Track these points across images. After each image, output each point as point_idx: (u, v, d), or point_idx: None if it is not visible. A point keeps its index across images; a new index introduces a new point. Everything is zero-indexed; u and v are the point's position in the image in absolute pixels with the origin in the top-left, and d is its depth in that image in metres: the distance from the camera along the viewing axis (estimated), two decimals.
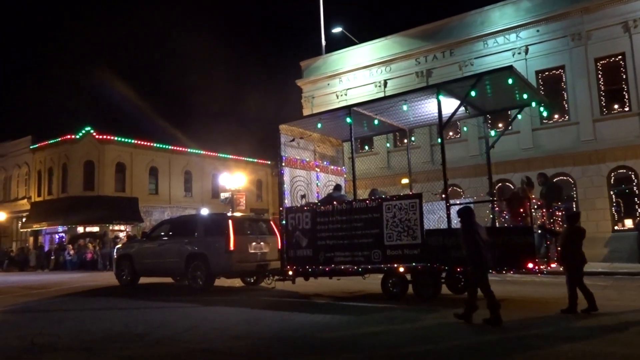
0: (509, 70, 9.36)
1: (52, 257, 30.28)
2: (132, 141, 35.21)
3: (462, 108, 10.30)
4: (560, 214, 9.80)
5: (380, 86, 25.50)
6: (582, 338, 6.06)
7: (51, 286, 15.26)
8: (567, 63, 20.78)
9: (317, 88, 28.25)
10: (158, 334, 6.72)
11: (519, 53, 21.72)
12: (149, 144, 36.07)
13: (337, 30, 28.23)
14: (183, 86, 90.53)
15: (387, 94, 19.29)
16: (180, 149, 37.81)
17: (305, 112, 26.81)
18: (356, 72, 26.62)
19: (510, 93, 10.36)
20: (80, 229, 32.52)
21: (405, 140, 21.95)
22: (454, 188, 22.71)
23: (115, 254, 15.54)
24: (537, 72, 21.45)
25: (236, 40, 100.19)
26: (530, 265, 8.04)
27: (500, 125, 18.25)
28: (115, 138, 34.51)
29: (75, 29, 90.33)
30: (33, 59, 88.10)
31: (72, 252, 27.69)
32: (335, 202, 10.44)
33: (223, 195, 28.50)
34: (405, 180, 23.45)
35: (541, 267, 8.28)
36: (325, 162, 12.99)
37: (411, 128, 12.74)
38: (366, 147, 26.11)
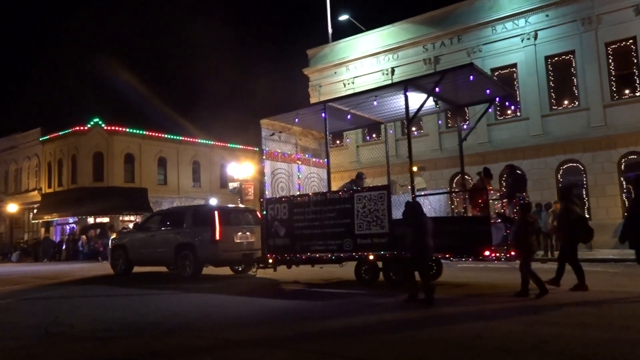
0: (470, 67, 9.75)
1: (63, 248, 30.63)
2: (141, 132, 35.36)
3: (433, 102, 10.66)
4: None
5: (387, 74, 25.35)
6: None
7: (63, 276, 15.53)
8: (577, 48, 20.52)
9: (324, 76, 28.14)
10: (172, 322, 6.81)
11: (528, 38, 21.46)
12: (157, 134, 36.19)
13: (343, 18, 28.03)
14: (190, 76, 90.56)
15: (394, 81, 19.19)
16: (189, 139, 37.91)
17: (313, 100, 26.71)
18: (363, 60, 26.47)
19: (476, 88, 10.69)
20: (90, 220, 32.82)
21: (414, 129, 21.96)
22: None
23: (110, 244, 16.09)
24: (546, 58, 21.21)
25: (243, 29, 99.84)
26: (487, 253, 8.40)
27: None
28: (124, 129, 34.66)
29: (83, 19, 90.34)
30: (41, 51, 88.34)
31: (84, 242, 27.98)
32: (311, 194, 10.98)
33: (231, 185, 28.57)
34: (413, 169, 23.47)
35: (499, 254, 8.60)
36: (307, 155, 13.43)
37: (388, 121, 13.03)
38: (374, 136, 26.05)
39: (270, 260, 11.12)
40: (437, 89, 9.90)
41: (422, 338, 5.49)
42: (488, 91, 10.93)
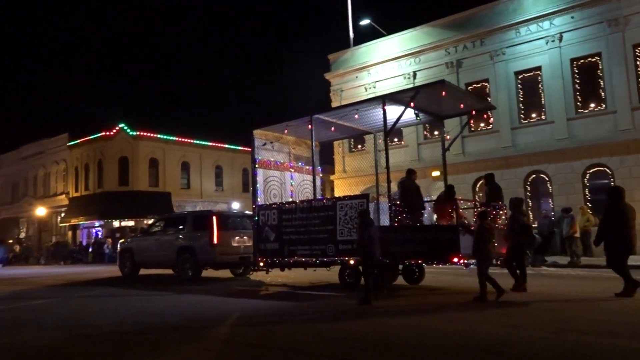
0: (441, 83, 10.34)
1: (90, 251, 31.28)
2: (165, 137, 35.90)
3: (413, 115, 11.43)
4: (498, 212, 10.45)
5: (409, 78, 25.24)
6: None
7: (74, 278, 15.89)
8: (603, 50, 20.11)
9: (345, 81, 28.16)
10: (194, 325, 6.91)
11: (553, 41, 21.13)
12: (180, 139, 36.69)
13: (365, 22, 28.01)
14: (213, 82, 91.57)
15: (416, 85, 19.10)
16: (211, 144, 38.32)
17: (334, 104, 26.74)
18: (385, 64, 26.40)
19: (455, 102, 11.16)
20: (116, 223, 33.42)
21: (436, 132, 21.80)
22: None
23: (118, 247, 16.87)
24: (571, 60, 20.84)
25: (266, 36, 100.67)
26: (455, 259, 8.81)
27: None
28: (149, 134, 35.23)
29: (108, 27, 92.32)
30: (69, 60, 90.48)
31: (109, 245, 28.52)
32: (298, 201, 11.61)
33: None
34: (435, 173, 23.29)
35: (465, 261, 8.91)
36: (300, 163, 13.91)
37: (377, 131, 13.34)
38: (395, 140, 25.94)
39: (262, 264, 11.66)
40: (412, 103, 10.39)
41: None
42: (461, 105, 11.42)
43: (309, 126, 11.65)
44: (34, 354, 5.44)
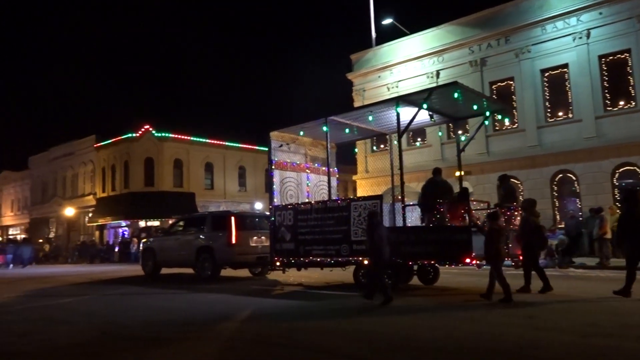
0: (454, 84, 10.27)
1: (116, 250, 31.89)
2: (189, 138, 36.34)
3: (428, 116, 11.54)
4: (514, 213, 10.41)
5: (432, 77, 25.04)
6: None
7: (99, 276, 16.22)
8: (632, 46, 19.60)
9: (367, 81, 28.08)
10: (221, 324, 6.99)
11: (580, 37, 20.69)
12: (204, 140, 37.09)
13: (387, 21, 27.87)
14: (236, 83, 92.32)
15: (439, 84, 18.93)
16: (235, 144, 38.64)
17: (357, 104, 26.69)
18: (407, 63, 26.23)
19: (466, 103, 11.15)
20: (141, 223, 33.97)
21: (460, 132, 21.56)
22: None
23: (141, 247, 17.27)
24: (599, 57, 20.37)
25: (289, 36, 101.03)
26: (468, 260, 8.78)
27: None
28: (173, 135, 35.72)
29: (131, 31, 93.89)
30: (96, 64, 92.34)
31: (135, 245, 29.00)
32: (313, 202, 11.83)
33: None
34: (459, 173, 23.04)
35: (478, 262, 8.86)
36: (316, 164, 14.01)
37: (392, 132, 13.35)
38: (418, 140, 25.78)
39: (278, 263, 11.83)
40: (424, 105, 10.49)
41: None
42: (475, 107, 11.42)
43: (324, 128, 11.79)
44: (66, 350, 5.58)
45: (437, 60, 25.15)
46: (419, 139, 25.78)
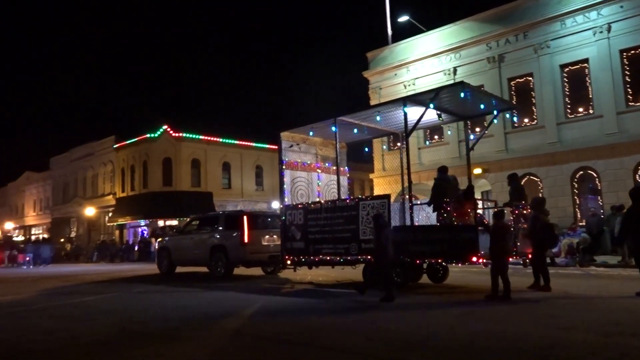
0: (461, 84, 10.40)
1: (135, 249, 32.28)
2: (206, 138, 36.60)
3: (436, 116, 11.58)
4: (523, 212, 10.37)
5: (449, 74, 24.82)
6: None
7: (116, 275, 16.41)
8: None
9: (384, 79, 27.95)
10: (237, 322, 7.03)
11: (601, 32, 20.31)
12: (221, 140, 37.31)
13: (403, 19, 27.69)
14: (252, 82, 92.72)
15: (456, 81, 18.75)
16: (251, 144, 38.81)
17: (373, 103, 26.58)
18: (424, 60, 26.04)
19: (474, 103, 11.13)
20: (160, 223, 34.32)
21: (478, 129, 21.35)
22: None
23: (157, 246, 17.53)
24: (621, 52, 19.97)
25: (305, 34, 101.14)
26: (474, 258, 8.84)
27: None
28: (190, 135, 36.01)
29: (149, 34, 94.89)
30: (115, 66, 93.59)
31: (155, 244, 29.33)
32: (323, 201, 11.99)
33: None
34: (477, 170, 22.82)
35: (484, 260, 8.88)
36: (327, 164, 14.11)
37: (402, 131, 13.20)
38: (435, 137, 25.59)
39: (289, 262, 11.98)
40: (431, 105, 10.56)
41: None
42: (482, 106, 11.44)
43: (333, 128, 11.93)
44: (89, 348, 5.66)
45: (454, 57, 24.92)
46: (435, 137, 25.59)
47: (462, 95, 10.29)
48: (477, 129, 21.18)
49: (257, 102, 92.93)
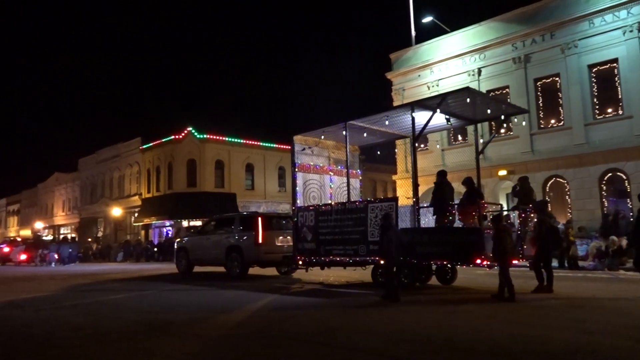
0: (466, 90, 10.57)
1: (155, 250, 32.75)
2: (230, 139, 36.96)
3: (444, 120, 11.64)
4: (530, 215, 10.45)
5: (474, 75, 24.58)
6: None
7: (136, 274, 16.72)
8: None
9: (407, 80, 27.81)
10: (259, 324, 7.12)
11: (631, 31, 19.85)
12: (245, 141, 37.62)
13: (427, 19, 27.53)
14: (275, 83, 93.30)
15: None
16: (275, 145, 39.01)
17: (396, 104, 26.48)
18: (448, 61, 25.83)
19: (482, 107, 11.30)
20: (185, 223, 34.78)
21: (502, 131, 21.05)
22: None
23: (175, 246, 17.94)
24: None
25: (327, 36, 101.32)
26: (479, 260, 8.97)
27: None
28: (214, 137, 36.41)
29: (174, 38, 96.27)
30: (142, 69, 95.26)
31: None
32: (333, 204, 12.25)
33: None
34: (502, 172, 22.53)
35: (489, 262, 8.96)
36: (339, 167, 14.37)
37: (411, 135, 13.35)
38: (460, 138, 25.35)
39: (300, 262, 12.24)
40: (438, 109, 10.72)
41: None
42: (489, 111, 11.56)
43: (343, 132, 12.12)
44: (117, 344, 5.81)
45: (479, 58, 24.65)
46: (459, 138, 25.34)
47: (467, 100, 10.48)
48: (502, 131, 20.92)
49: (281, 104, 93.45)
